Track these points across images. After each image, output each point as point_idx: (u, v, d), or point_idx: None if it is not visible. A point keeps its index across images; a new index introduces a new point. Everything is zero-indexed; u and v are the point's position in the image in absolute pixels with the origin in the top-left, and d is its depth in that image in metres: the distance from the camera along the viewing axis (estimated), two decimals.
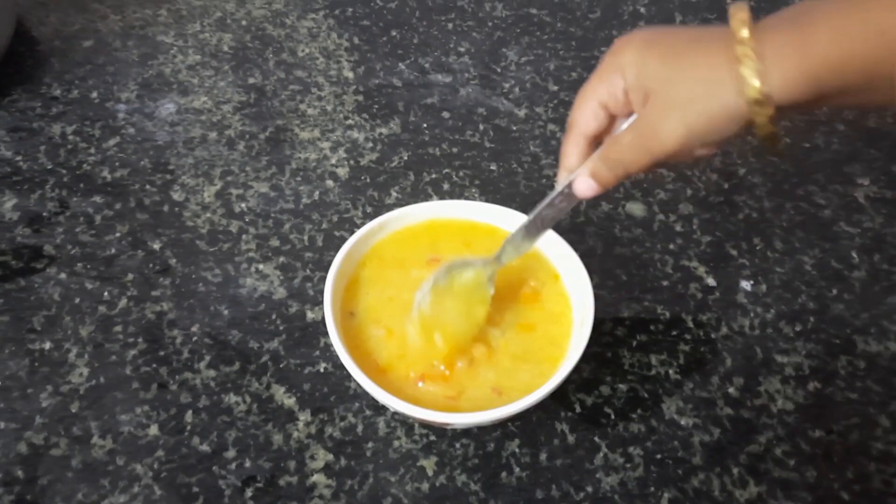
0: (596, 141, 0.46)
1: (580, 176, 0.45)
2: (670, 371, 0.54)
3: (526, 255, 0.53)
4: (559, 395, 0.51)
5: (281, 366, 0.54)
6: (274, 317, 0.56)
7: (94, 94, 0.73)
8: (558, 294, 0.52)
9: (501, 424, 0.51)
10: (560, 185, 0.46)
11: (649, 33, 0.43)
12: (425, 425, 0.50)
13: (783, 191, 0.65)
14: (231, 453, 0.49)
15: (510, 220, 0.55)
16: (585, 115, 0.45)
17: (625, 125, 0.44)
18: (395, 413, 0.50)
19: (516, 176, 0.66)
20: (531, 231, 0.48)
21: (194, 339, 0.55)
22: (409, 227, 0.55)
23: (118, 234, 0.61)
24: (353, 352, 0.48)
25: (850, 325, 0.57)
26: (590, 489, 0.48)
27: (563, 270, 0.53)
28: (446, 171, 0.67)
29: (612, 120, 0.45)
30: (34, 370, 0.53)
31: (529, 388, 0.46)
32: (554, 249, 0.53)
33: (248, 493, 0.48)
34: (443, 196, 0.64)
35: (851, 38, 0.36)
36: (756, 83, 0.37)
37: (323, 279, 0.58)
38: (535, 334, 0.50)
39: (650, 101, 0.41)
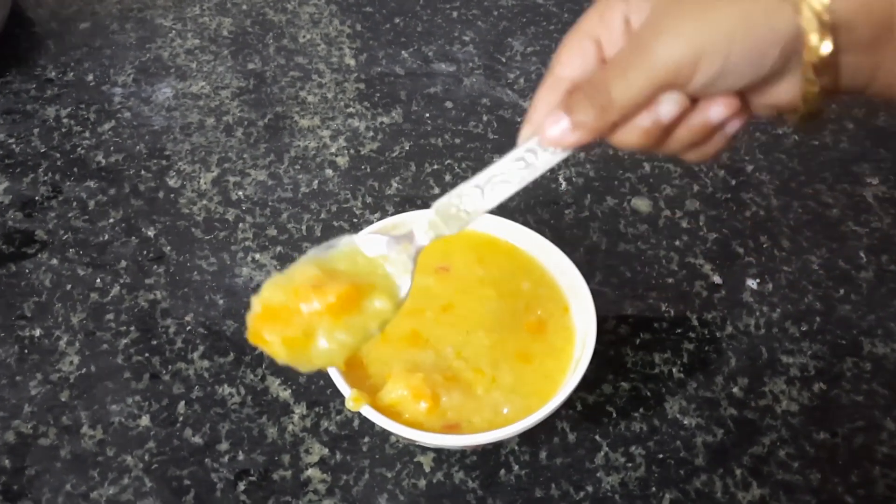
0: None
1: (550, 120, 0.34)
2: (674, 370, 0.53)
3: (539, 283, 0.51)
4: None
5: None
6: None
7: (90, 77, 0.71)
8: (564, 328, 0.49)
9: None
10: (522, 141, 0.36)
11: None
12: None
13: (791, 189, 0.64)
14: (224, 446, 0.48)
15: (532, 241, 0.52)
16: (570, 51, 0.34)
17: None
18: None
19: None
20: (467, 201, 0.36)
21: (188, 328, 0.54)
22: None
23: (112, 221, 0.60)
24: None
25: (857, 327, 0.56)
26: (590, 489, 0.47)
27: (574, 303, 0.50)
28: (448, 162, 0.65)
29: (602, 65, 0.34)
30: (23, 357, 0.52)
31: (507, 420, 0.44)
32: (568, 280, 0.50)
33: (241, 486, 0.47)
34: (444, 188, 0.63)
35: None
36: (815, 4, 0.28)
37: None
38: (532, 366, 0.47)
39: (653, 8, 0.31)
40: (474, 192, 0.36)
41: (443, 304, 0.49)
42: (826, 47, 0.29)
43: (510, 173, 0.35)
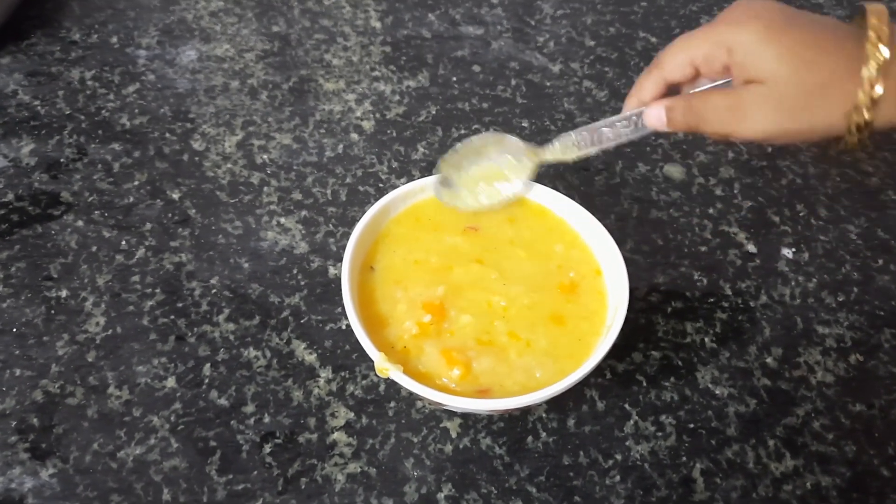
0: (672, 87, 0.46)
1: (654, 106, 0.45)
2: (706, 339, 0.52)
3: (572, 245, 0.50)
4: None
5: (302, 321, 0.52)
6: (295, 271, 0.55)
7: (114, 40, 0.71)
8: (597, 291, 0.48)
9: None
10: (626, 110, 0.47)
11: (774, 13, 0.41)
12: None
13: (828, 156, 0.62)
14: (250, 408, 0.48)
15: (563, 204, 0.51)
16: (675, 62, 0.44)
17: (708, 85, 0.46)
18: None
19: (549, 134, 0.64)
20: (583, 140, 0.48)
21: (213, 291, 0.54)
22: None
23: (137, 183, 0.60)
24: (364, 309, 0.46)
25: (895, 297, 0.54)
26: (619, 457, 0.47)
27: (606, 267, 0.48)
28: (476, 126, 0.64)
29: (696, 75, 0.45)
30: (50, 318, 0.52)
31: (540, 385, 0.43)
32: (600, 244, 0.49)
33: (267, 448, 0.46)
34: None
35: None
36: (865, 115, 0.38)
37: (346, 235, 0.56)
38: (565, 329, 0.46)
39: (755, 87, 0.41)
40: (585, 135, 0.48)
41: (471, 263, 0.48)
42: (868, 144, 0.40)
43: (615, 130, 0.47)
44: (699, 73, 0.45)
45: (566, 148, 0.49)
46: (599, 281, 0.48)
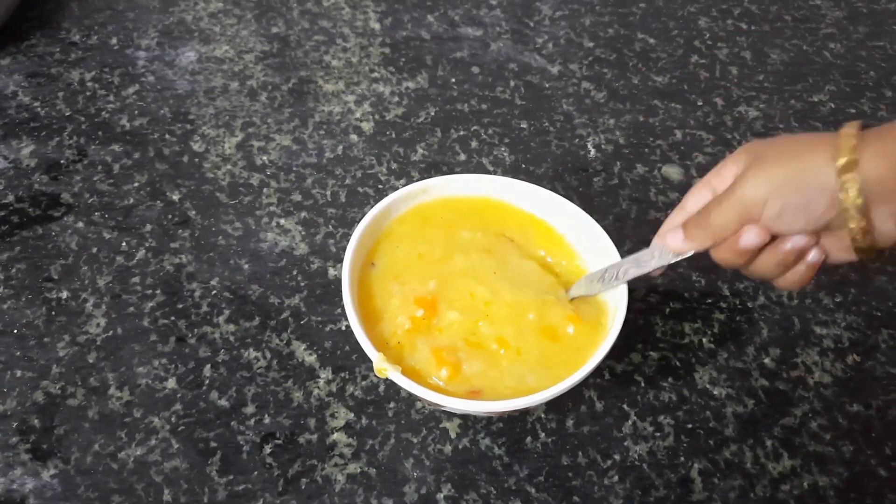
0: None
1: (671, 233, 0.46)
2: (704, 340, 0.52)
3: (577, 268, 0.50)
4: None
5: (302, 322, 0.52)
6: (295, 273, 0.55)
7: (114, 41, 0.71)
8: (599, 300, 0.48)
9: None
10: (653, 246, 0.47)
11: (765, 139, 0.45)
12: None
13: None
14: (250, 409, 0.48)
15: (567, 217, 0.51)
16: (695, 195, 0.47)
17: None
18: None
19: (548, 135, 0.64)
20: (608, 277, 0.47)
21: (213, 292, 0.54)
22: (461, 198, 0.52)
23: (137, 184, 0.60)
24: (362, 305, 0.46)
25: (893, 298, 0.54)
26: (617, 457, 0.47)
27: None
28: (475, 128, 0.64)
29: None
30: (51, 319, 0.52)
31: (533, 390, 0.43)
32: (599, 245, 0.49)
33: (267, 449, 0.47)
34: (470, 154, 0.62)
35: None
36: (848, 150, 0.38)
37: (346, 236, 0.57)
38: (561, 341, 0.46)
39: (750, 163, 0.42)
40: (613, 271, 0.47)
41: (476, 251, 0.49)
42: (860, 199, 0.38)
43: (646, 263, 0.47)
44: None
45: (591, 285, 0.48)
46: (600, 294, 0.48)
